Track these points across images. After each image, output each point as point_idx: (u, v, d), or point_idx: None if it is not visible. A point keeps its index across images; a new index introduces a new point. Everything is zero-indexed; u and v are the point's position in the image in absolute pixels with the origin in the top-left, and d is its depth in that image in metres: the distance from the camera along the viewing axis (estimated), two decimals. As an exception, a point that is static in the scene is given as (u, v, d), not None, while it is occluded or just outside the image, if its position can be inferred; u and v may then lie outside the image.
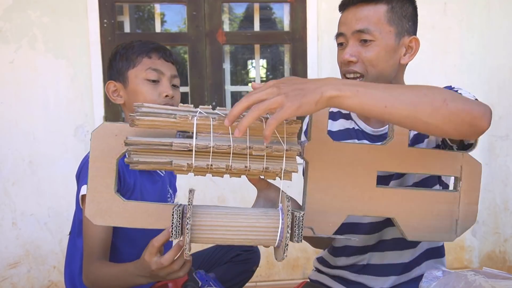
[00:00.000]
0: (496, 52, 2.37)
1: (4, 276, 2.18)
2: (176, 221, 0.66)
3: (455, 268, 2.36)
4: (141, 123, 0.66)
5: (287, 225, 0.67)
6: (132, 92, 1.12)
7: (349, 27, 0.95)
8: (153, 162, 0.67)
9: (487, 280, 0.69)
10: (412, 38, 0.98)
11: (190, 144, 0.66)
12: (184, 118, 0.66)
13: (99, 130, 0.72)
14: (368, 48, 0.94)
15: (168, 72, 1.14)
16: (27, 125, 2.15)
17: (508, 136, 2.39)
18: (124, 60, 1.13)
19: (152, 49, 1.13)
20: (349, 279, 1.06)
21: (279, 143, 0.70)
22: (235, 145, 0.68)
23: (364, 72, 0.95)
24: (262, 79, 2.76)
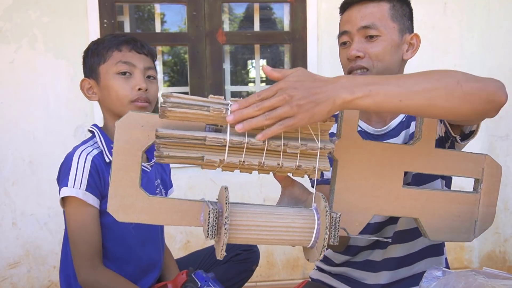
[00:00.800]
0: (496, 52, 2.37)
1: (4, 276, 2.18)
2: (213, 221, 0.63)
3: (455, 268, 2.36)
4: (172, 114, 0.62)
5: (325, 227, 0.65)
6: (105, 88, 1.09)
7: (354, 24, 0.96)
8: (183, 157, 0.64)
9: (487, 280, 0.69)
10: (413, 35, 1.00)
11: (225, 139, 0.63)
12: (218, 112, 0.63)
13: (124, 120, 0.68)
14: (374, 44, 0.95)
15: (141, 64, 1.10)
16: (27, 125, 2.15)
17: (508, 136, 2.39)
18: (95, 55, 1.11)
19: (122, 41, 1.10)
20: (350, 275, 1.07)
21: (312, 141, 0.68)
22: (270, 141, 0.65)
23: (371, 66, 0.96)
24: (262, 79, 2.76)
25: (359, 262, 1.06)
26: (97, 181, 1.05)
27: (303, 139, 0.68)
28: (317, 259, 0.67)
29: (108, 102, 1.11)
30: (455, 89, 0.70)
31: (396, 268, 1.03)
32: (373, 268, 1.04)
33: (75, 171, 1.04)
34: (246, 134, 0.64)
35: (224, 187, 0.64)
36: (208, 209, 0.63)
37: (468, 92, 0.70)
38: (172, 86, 3.22)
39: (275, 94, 0.64)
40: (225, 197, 0.62)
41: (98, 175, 1.05)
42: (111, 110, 1.11)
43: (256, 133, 0.65)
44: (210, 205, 0.64)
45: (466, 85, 0.70)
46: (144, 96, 1.09)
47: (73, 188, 1.02)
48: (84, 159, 1.05)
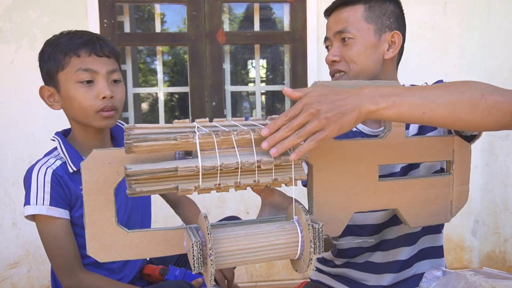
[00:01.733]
0: (496, 52, 2.37)
1: (4, 276, 2.18)
2: (197, 253, 0.60)
3: (455, 268, 2.36)
4: (139, 149, 0.60)
5: (309, 240, 0.65)
6: (66, 98, 1.02)
7: (331, 30, 1.01)
8: (158, 190, 0.62)
9: (487, 280, 0.69)
10: (393, 32, 1.00)
11: (197, 166, 0.61)
12: (185, 139, 0.62)
13: (89, 160, 0.65)
14: (348, 47, 0.98)
15: (103, 69, 1.01)
16: (27, 125, 2.15)
17: (508, 136, 2.39)
18: (52, 61, 1.02)
19: (79, 45, 1.00)
20: (350, 276, 1.07)
21: (285, 153, 0.67)
22: (243, 161, 0.64)
23: (347, 69, 0.99)
24: (262, 79, 2.76)
25: (359, 264, 1.06)
26: (61, 193, 1.03)
27: None
28: (305, 270, 0.67)
29: (71, 112, 1.05)
30: (479, 102, 0.70)
31: (400, 270, 1.03)
32: (375, 269, 1.04)
33: (36, 188, 1.01)
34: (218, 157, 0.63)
35: (204, 215, 0.62)
36: (191, 242, 0.61)
37: (492, 105, 0.70)
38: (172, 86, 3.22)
39: (302, 111, 0.64)
40: (206, 227, 0.60)
41: (62, 187, 1.03)
42: (76, 119, 1.06)
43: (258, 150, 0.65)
44: (192, 236, 0.62)
45: (491, 98, 0.70)
46: (110, 104, 1.01)
47: (36, 206, 1.00)
48: (44, 174, 1.02)
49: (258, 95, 2.59)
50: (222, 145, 0.64)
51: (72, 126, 1.10)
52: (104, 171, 0.66)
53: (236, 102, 2.99)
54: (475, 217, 2.46)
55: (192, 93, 2.27)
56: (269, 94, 3.27)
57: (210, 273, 0.60)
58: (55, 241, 1.02)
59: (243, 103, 3.17)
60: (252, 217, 2.32)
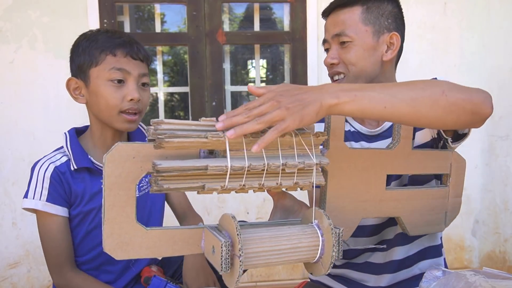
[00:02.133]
0: (496, 52, 2.37)
1: (4, 276, 2.18)
2: (225, 254, 0.60)
3: (455, 268, 2.36)
4: (169, 145, 0.59)
5: (332, 244, 0.66)
6: (94, 93, 1.03)
7: (329, 32, 1.01)
8: (184, 188, 0.62)
9: (487, 280, 0.69)
10: (392, 34, 0.99)
11: (226, 166, 0.61)
12: (216, 138, 0.61)
13: (113, 153, 0.63)
14: (346, 49, 0.98)
15: (136, 71, 1.03)
16: (27, 125, 2.15)
17: (508, 136, 2.39)
18: (86, 55, 1.02)
19: (118, 44, 1.02)
20: (350, 277, 1.06)
21: (308, 157, 0.68)
22: (270, 163, 0.64)
23: (346, 71, 0.99)
24: (262, 79, 2.76)
25: (359, 264, 1.06)
26: (61, 190, 1.03)
27: (299, 156, 0.68)
28: (323, 274, 0.68)
29: (95, 108, 1.05)
30: (440, 98, 0.70)
31: (397, 270, 1.03)
32: (374, 270, 1.04)
33: (35, 183, 1.03)
34: (246, 159, 0.63)
35: (231, 216, 0.62)
36: (220, 242, 0.60)
37: (452, 102, 0.71)
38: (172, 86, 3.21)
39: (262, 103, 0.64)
40: (235, 228, 0.60)
41: (62, 184, 1.03)
42: (98, 116, 1.06)
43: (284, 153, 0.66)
44: (220, 237, 0.62)
45: (451, 95, 0.71)
46: (135, 107, 1.03)
47: (33, 200, 1.02)
48: (45, 170, 1.04)
49: (258, 95, 2.58)
50: (249, 145, 0.64)
51: (91, 122, 1.11)
52: (128, 166, 0.64)
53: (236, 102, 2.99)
54: (475, 217, 2.46)
55: (192, 93, 2.27)
56: (269, 94, 3.26)
57: (237, 274, 0.60)
58: (49, 237, 1.03)
59: (243, 103, 3.16)
60: (252, 217, 2.32)
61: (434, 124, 0.75)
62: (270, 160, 0.65)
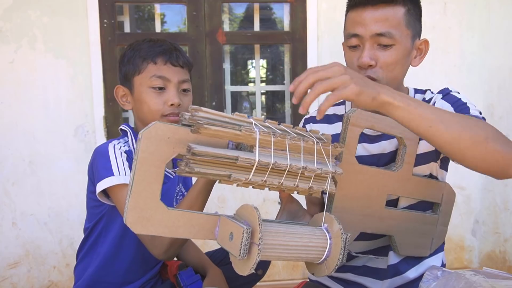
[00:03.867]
0: (496, 52, 2.37)
1: (4, 276, 2.18)
2: (246, 240, 0.63)
3: (455, 268, 2.36)
4: (206, 131, 0.63)
5: (340, 248, 0.70)
6: (138, 100, 1.08)
7: (368, 29, 0.88)
8: (212, 174, 0.65)
9: (487, 280, 0.69)
10: (423, 40, 0.97)
11: (254, 160, 0.65)
12: (249, 132, 0.65)
13: (150, 130, 0.66)
14: (387, 53, 0.89)
15: (175, 78, 1.08)
16: (27, 125, 2.15)
17: (508, 136, 2.37)
18: (131, 64, 1.09)
19: (158, 53, 1.07)
20: (349, 279, 1.06)
21: (325, 165, 0.74)
22: (292, 164, 0.69)
23: (380, 77, 0.90)
24: (262, 79, 2.76)
25: (358, 267, 1.05)
26: None
27: (318, 163, 0.73)
28: (326, 274, 0.72)
29: (140, 113, 1.11)
30: (481, 143, 0.72)
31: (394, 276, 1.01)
32: (373, 274, 1.02)
33: (115, 161, 1.04)
34: (272, 156, 0.67)
35: (253, 207, 0.66)
36: (242, 229, 0.63)
37: (490, 152, 0.72)
38: (172, 86, 3.23)
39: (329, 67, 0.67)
40: (257, 218, 0.64)
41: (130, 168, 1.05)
42: (143, 121, 1.10)
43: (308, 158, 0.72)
44: (242, 224, 0.65)
45: (493, 145, 0.72)
46: (177, 111, 1.07)
47: (120, 176, 1.01)
48: (119, 150, 1.06)
49: (258, 95, 2.59)
50: (275, 145, 0.69)
51: (137, 126, 1.15)
52: (162, 145, 0.66)
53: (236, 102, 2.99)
54: (475, 217, 2.46)
55: (192, 93, 2.26)
56: (269, 94, 3.27)
57: (254, 261, 0.63)
58: None
59: (243, 103, 3.16)
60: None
61: (463, 162, 0.76)
62: (292, 161, 0.69)
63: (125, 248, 1.12)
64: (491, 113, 2.38)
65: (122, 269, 1.12)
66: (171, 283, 1.21)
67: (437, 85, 2.52)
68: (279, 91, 2.74)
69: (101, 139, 2.17)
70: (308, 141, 0.72)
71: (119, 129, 1.15)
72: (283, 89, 2.60)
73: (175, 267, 1.18)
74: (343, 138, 0.83)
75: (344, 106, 1.10)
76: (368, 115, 0.86)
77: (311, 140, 0.72)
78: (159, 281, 1.23)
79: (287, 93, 2.48)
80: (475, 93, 2.37)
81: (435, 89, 1.07)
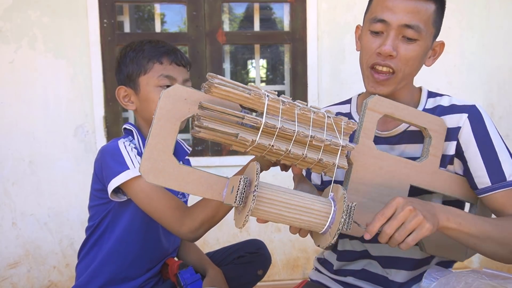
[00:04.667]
0: (496, 52, 2.37)
1: (4, 276, 2.18)
2: (242, 188, 0.67)
3: (455, 268, 2.35)
4: (217, 91, 0.66)
5: (342, 211, 0.70)
6: (144, 99, 1.10)
7: (397, 18, 0.85)
8: (220, 131, 0.68)
9: (487, 280, 0.69)
10: (440, 42, 0.95)
11: (260, 120, 0.68)
12: (258, 96, 0.68)
13: (170, 90, 0.71)
14: (410, 46, 0.87)
15: (180, 77, 1.11)
16: (27, 125, 2.15)
17: (508, 136, 2.39)
18: (135, 65, 1.10)
19: (163, 53, 1.10)
20: (348, 282, 1.05)
21: (336, 138, 0.74)
22: (299, 130, 0.70)
23: (398, 69, 0.89)
24: (262, 79, 2.76)
25: (357, 271, 1.04)
26: None
27: (328, 135, 0.73)
28: (330, 243, 0.70)
29: (146, 113, 1.11)
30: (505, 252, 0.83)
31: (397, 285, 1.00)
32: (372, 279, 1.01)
33: (128, 156, 1.05)
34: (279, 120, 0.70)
35: (255, 162, 0.69)
36: (239, 178, 0.66)
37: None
38: (172, 86, 3.22)
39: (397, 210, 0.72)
40: (256, 169, 0.67)
41: None
42: (149, 120, 1.11)
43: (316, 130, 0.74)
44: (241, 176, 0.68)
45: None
46: None
47: (135, 169, 1.02)
48: (130, 146, 1.07)
49: (258, 95, 2.58)
50: (284, 114, 0.71)
51: (140, 125, 1.16)
52: (179, 104, 0.71)
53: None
54: (475, 217, 2.46)
55: (192, 93, 2.26)
56: (269, 94, 3.26)
57: (248, 208, 0.65)
58: (160, 193, 1.02)
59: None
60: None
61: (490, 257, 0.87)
62: (300, 129, 0.71)
63: (130, 243, 1.12)
64: (491, 113, 2.38)
65: (125, 265, 1.13)
66: (172, 283, 1.21)
67: (437, 85, 2.52)
68: (279, 91, 2.74)
69: (101, 139, 2.17)
70: (318, 113, 0.73)
71: (123, 129, 1.15)
72: (283, 89, 2.60)
73: (176, 266, 1.18)
74: (360, 122, 0.83)
75: (350, 105, 1.08)
76: (387, 102, 0.85)
77: (322, 113, 0.73)
78: (160, 281, 1.23)
79: (287, 93, 2.48)
80: (475, 93, 2.37)
81: (435, 89, 1.06)
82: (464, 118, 0.91)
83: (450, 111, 0.93)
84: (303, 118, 0.72)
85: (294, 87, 2.33)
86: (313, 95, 2.30)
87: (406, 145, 0.96)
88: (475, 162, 0.90)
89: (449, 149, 0.92)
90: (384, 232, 0.72)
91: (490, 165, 0.89)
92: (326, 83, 2.30)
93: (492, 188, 0.89)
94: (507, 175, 0.88)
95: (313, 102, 2.30)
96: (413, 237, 0.71)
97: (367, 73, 0.93)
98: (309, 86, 2.30)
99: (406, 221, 0.71)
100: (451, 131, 0.91)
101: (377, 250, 1.01)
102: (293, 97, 2.32)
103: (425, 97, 0.99)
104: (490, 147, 0.90)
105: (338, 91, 2.31)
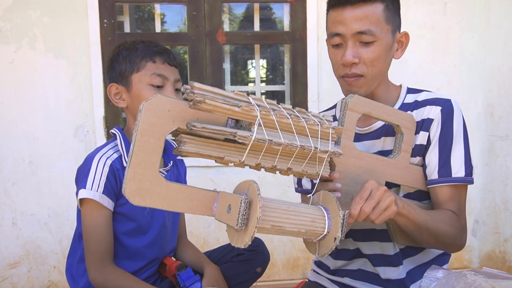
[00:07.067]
0: (496, 52, 2.37)
1: (4, 276, 2.18)
2: (243, 210, 0.64)
3: (455, 268, 2.36)
4: (205, 106, 0.63)
5: (341, 221, 0.71)
6: (136, 97, 1.10)
7: (348, 28, 0.91)
8: (205, 154, 0.66)
9: (487, 280, 0.69)
10: (403, 33, 0.99)
11: (251, 135, 0.66)
12: (248, 110, 0.66)
13: (151, 102, 0.65)
14: (369, 49, 0.92)
15: (172, 77, 1.12)
16: (27, 125, 2.15)
17: (508, 136, 2.39)
18: (128, 63, 1.11)
19: (156, 52, 1.11)
20: (346, 283, 1.05)
21: (323, 145, 0.75)
22: (288, 143, 0.70)
23: (365, 72, 0.94)
24: (262, 79, 2.76)
25: (353, 271, 1.04)
26: (114, 185, 1.08)
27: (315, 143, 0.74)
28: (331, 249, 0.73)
29: (136, 110, 1.11)
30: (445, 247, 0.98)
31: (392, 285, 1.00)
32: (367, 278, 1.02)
33: (94, 175, 1.07)
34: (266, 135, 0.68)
35: (253, 181, 0.67)
36: (240, 199, 0.64)
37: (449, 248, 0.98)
38: (172, 86, 3.23)
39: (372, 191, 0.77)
40: (256, 190, 0.65)
41: (115, 178, 1.08)
42: None
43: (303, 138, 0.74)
44: (240, 196, 0.66)
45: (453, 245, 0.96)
46: None
47: (91, 191, 1.05)
48: (103, 163, 1.08)
49: (258, 95, 2.59)
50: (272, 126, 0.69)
51: (130, 123, 1.17)
52: (162, 117, 0.66)
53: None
54: (475, 217, 2.46)
55: (192, 93, 2.26)
56: (269, 94, 3.27)
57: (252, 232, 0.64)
58: (96, 229, 1.06)
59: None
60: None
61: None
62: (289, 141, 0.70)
63: (126, 245, 1.13)
64: (491, 113, 2.38)
65: (119, 265, 1.13)
66: (170, 282, 1.21)
67: (437, 85, 2.52)
68: (279, 91, 2.74)
69: (101, 139, 2.17)
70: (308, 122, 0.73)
71: (111, 132, 1.17)
72: (283, 89, 2.60)
73: (174, 268, 1.18)
74: (341, 122, 0.85)
75: (335, 109, 1.14)
76: (366, 101, 0.88)
77: (312, 122, 0.73)
78: (159, 279, 1.23)
79: (287, 93, 2.48)
80: (475, 93, 2.37)
81: (435, 89, 1.07)
82: (438, 111, 0.96)
83: (426, 103, 0.98)
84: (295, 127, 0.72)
85: (294, 87, 2.33)
86: (313, 95, 2.30)
87: (385, 138, 1.00)
88: (431, 154, 0.96)
89: (422, 139, 0.97)
90: (363, 211, 0.76)
91: (441, 159, 0.95)
92: (326, 83, 2.30)
93: (437, 181, 0.96)
94: (453, 172, 0.95)
95: (313, 102, 2.30)
96: (385, 215, 0.77)
97: (340, 82, 0.99)
98: (309, 86, 2.30)
99: (381, 201, 0.77)
100: (425, 122, 0.97)
101: (368, 248, 1.02)
102: (293, 97, 2.32)
103: (405, 93, 1.04)
104: (448, 142, 0.95)
105: (338, 91, 2.29)
